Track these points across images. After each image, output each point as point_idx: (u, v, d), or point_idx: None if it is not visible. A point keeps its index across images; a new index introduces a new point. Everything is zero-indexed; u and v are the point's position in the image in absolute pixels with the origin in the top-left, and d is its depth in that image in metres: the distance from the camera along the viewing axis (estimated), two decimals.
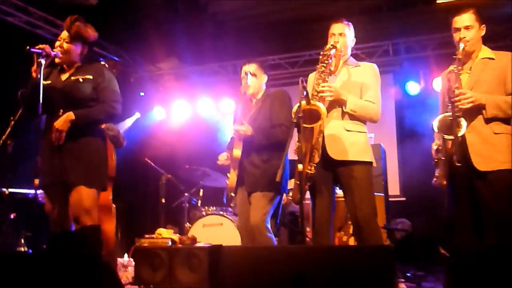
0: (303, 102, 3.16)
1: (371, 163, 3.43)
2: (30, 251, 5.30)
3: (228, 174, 3.84)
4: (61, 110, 3.20)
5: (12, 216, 4.79)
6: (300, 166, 3.00)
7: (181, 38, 7.76)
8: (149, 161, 6.01)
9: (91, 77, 3.30)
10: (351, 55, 3.63)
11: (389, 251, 2.28)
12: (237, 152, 3.73)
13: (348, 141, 3.37)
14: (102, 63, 3.41)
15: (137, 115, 8.60)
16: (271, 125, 3.74)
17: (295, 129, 3.08)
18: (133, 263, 4.88)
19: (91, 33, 3.37)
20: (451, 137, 3.09)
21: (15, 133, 4.11)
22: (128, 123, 8.44)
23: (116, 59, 8.18)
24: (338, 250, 2.54)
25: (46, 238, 3.51)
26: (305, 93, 3.08)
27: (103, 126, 4.40)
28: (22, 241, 5.37)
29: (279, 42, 8.11)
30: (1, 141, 4.04)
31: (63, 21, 3.39)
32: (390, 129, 7.21)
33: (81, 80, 3.28)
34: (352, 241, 4.44)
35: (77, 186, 3.14)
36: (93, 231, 3.15)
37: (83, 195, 3.14)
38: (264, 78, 3.95)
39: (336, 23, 3.56)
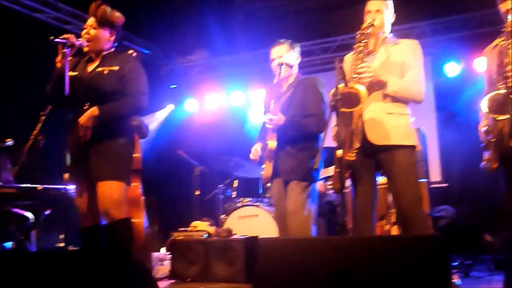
0: (341, 85, 2.97)
1: (414, 147, 3.22)
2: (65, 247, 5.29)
3: (262, 166, 3.69)
4: (87, 104, 3.09)
5: (47, 212, 4.77)
6: (339, 152, 2.82)
7: (211, 29, 7.67)
8: (182, 153, 5.91)
9: (116, 68, 3.16)
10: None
11: (441, 241, 2.09)
12: (272, 144, 3.59)
13: (389, 124, 3.17)
14: (130, 52, 3.27)
15: (170, 107, 8.55)
16: (303, 115, 3.57)
17: (333, 113, 2.89)
18: (169, 257, 4.81)
19: (118, 16, 3.25)
20: (505, 116, 2.84)
21: (46, 128, 4.05)
22: (161, 116, 8.40)
23: (145, 51, 8.15)
24: (385, 241, 2.36)
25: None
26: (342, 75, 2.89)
27: None
28: (61, 236, 5.36)
29: (311, 28, 7.94)
30: (32, 137, 3.98)
31: None
32: (429, 113, 6.93)
33: (106, 72, 3.14)
34: (394, 230, 4.24)
35: (105, 181, 3.04)
36: (123, 225, 3.06)
37: (112, 189, 3.04)
38: (297, 58, 3.79)
39: (372, 0, 3.35)
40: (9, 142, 4.66)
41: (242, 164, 5.59)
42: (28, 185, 4.21)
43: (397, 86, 3.17)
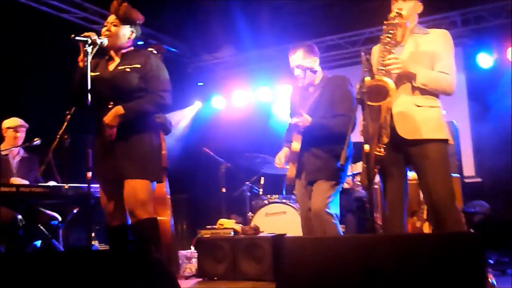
0: (367, 78, 2.87)
1: (446, 140, 3.09)
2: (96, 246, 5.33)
3: (287, 166, 3.62)
4: (111, 103, 3.07)
5: (75, 211, 4.80)
6: (366, 147, 2.72)
7: (237, 25, 7.63)
8: (207, 150, 5.87)
9: (138, 65, 3.13)
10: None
11: (478, 239, 1.97)
12: (296, 146, 3.51)
13: (419, 117, 3.04)
14: (150, 49, 3.24)
15: (197, 104, 8.55)
16: (332, 116, 3.48)
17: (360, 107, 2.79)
18: (196, 255, 4.78)
19: (139, 14, 3.23)
20: None
21: (72, 127, 4.07)
22: (189, 113, 8.41)
23: (172, 49, 8.16)
24: (416, 239, 2.25)
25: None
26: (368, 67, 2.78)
27: None
28: (93, 234, 5.40)
29: (338, 21, 7.82)
30: (58, 136, 4.00)
31: None
32: (461, 105, 6.75)
33: (128, 69, 3.11)
34: (426, 227, 4.12)
35: (131, 179, 3.01)
36: (149, 224, 3.02)
37: (138, 188, 3.01)
38: (315, 60, 3.66)
39: None
40: (37, 141, 4.72)
41: (269, 161, 5.52)
42: (55, 183, 4.24)
43: (427, 78, 3.05)
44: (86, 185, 3.33)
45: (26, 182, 4.59)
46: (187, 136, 8.02)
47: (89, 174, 2.87)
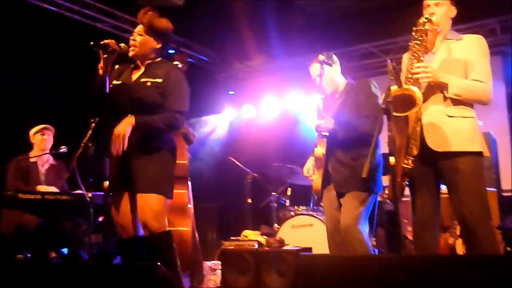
0: (393, 87, 2.72)
1: (480, 153, 2.89)
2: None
3: (312, 175, 3.47)
4: (129, 114, 2.98)
5: (100, 219, 4.79)
6: (392, 159, 2.56)
7: (270, 33, 7.56)
8: (233, 159, 5.78)
9: (160, 80, 3.03)
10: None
11: None
12: (319, 151, 3.35)
13: (450, 128, 2.86)
14: (176, 63, 3.15)
15: (229, 112, 8.51)
16: (357, 117, 3.31)
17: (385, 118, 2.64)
18: (221, 266, 4.69)
19: (166, 24, 3.12)
20: None
21: (96, 135, 4.04)
22: (220, 120, 8.38)
23: (204, 58, 8.15)
24: (447, 261, 2.08)
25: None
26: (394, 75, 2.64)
27: None
28: None
29: (371, 29, 7.66)
30: (83, 144, 3.98)
31: None
32: (500, 115, 6.47)
33: (149, 84, 3.03)
34: (459, 244, 3.91)
35: (145, 193, 2.94)
36: (162, 237, 2.93)
37: (151, 201, 2.93)
38: (336, 68, 3.52)
39: None
40: (63, 149, 4.73)
41: (297, 171, 5.40)
42: (79, 192, 4.24)
43: (460, 88, 2.87)
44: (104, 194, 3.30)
45: (54, 189, 4.61)
46: (218, 144, 7.98)
47: (106, 184, 2.81)
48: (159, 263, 1.98)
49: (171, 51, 7.53)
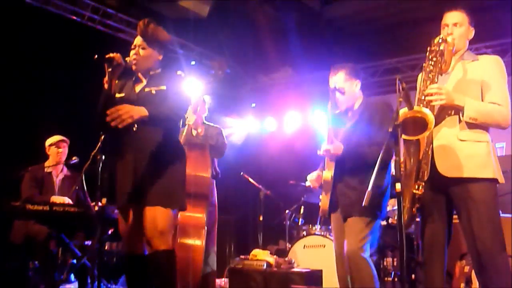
0: (404, 109, 2.60)
1: (495, 180, 2.74)
2: None
3: (320, 197, 3.35)
4: (136, 126, 2.93)
5: (110, 231, 4.76)
6: (398, 186, 2.42)
7: (295, 46, 7.48)
8: (246, 176, 5.68)
9: (164, 87, 3.00)
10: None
11: None
12: (327, 174, 3.22)
13: (463, 153, 2.73)
14: (179, 72, 3.09)
15: (249, 125, 8.42)
16: (368, 144, 3.17)
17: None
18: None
19: (167, 35, 3.10)
20: None
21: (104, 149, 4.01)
22: (240, 134, 8.29)
23: (228, 71, 8.11)
24: None
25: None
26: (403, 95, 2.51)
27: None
28: None
29: (397, 44, 7.54)
30: (92, 156, 3.95)
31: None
32: None
33: (153, 92, 2.99)
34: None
35: (152, 207, 2.87)
36: (166, 256, 2.86)
37: (158, 216, 2.86)
38: (356, 84, 3.38)
39: (451, 12, 2.95)
40: (75, 160, 4.73)
41: (311, 189, 5.26)
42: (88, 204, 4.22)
43: (477, 112, 2.73)
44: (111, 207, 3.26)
45: (68, 200, 4.60)
46: (237, 155, 7.91)
47: (104, 200, 2.76)
48: None
49: (192, 63, 7.61)
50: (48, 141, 4.92)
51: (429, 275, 2.85)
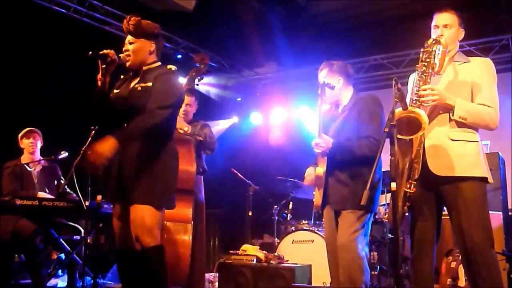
0: (398, 109, 2.65)
1: (485, 179, 2.82)
2: None
3: (313, 193, 3.39)
4: (125, 124, 2.88)
5: (100, 225, 4.75)
6: (393, 185, 2.47)
7: (280, 41, 7.50)
8: (235, 171, 5.70)
9: (150, 84, 2.93)
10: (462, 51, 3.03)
11: None
12: (320, 170, 3.26)
13: (454, 152, 2.79)
14: (169, 67, 3.04)
15: (234, 119, 8.44)
16: (357, 137, 3.23)
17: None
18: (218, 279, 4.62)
19: (152, 24, 3.02)
20: None
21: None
22: (222, 125, 8.29)
23: (213, 64, 8.11)
24: None
25: None
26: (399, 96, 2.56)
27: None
28: None
29: (382, 41, 7.61)
30: (82, 151, 3.93)
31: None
32: (509, 135, 6.33)
33: (139, 89, 2.93)
34: (462, 269, 3.80)
35: (139, 204, 2.86)
36: (155, 252, 2.86)
37: (145, 213, 2.84)
38: (339, 81, 3.42)
39: (441, 13, 2.99)
40: (63, 154, 4.69)
41: (299, 185, 5.31)
42: (77, 199, 4.20)
43: (466, 111, 2.80)
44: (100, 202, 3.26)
45: (50, 196, 4.56)
46: (222, 150, 7.90)
47: (99, 197, 2.76)
48: None
49: (178, 56, 7.58)
50: (20, 135, 4.86)
51: (420, 269, 2.90)
